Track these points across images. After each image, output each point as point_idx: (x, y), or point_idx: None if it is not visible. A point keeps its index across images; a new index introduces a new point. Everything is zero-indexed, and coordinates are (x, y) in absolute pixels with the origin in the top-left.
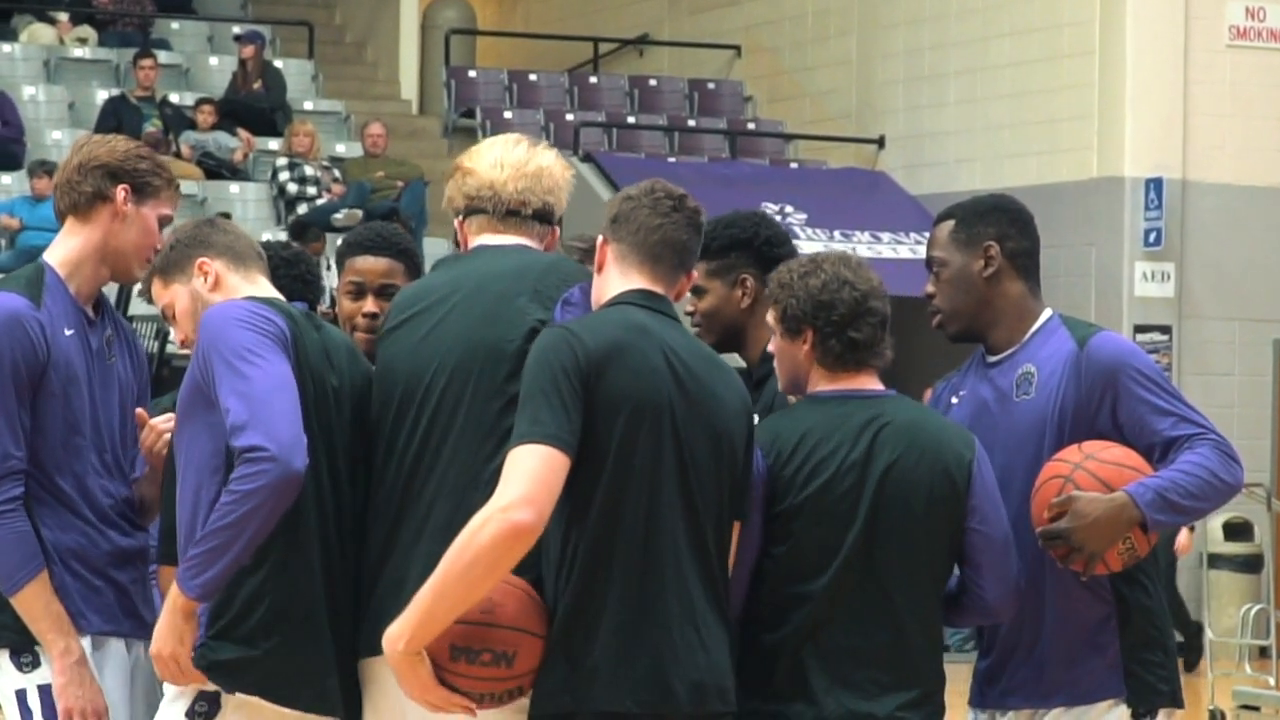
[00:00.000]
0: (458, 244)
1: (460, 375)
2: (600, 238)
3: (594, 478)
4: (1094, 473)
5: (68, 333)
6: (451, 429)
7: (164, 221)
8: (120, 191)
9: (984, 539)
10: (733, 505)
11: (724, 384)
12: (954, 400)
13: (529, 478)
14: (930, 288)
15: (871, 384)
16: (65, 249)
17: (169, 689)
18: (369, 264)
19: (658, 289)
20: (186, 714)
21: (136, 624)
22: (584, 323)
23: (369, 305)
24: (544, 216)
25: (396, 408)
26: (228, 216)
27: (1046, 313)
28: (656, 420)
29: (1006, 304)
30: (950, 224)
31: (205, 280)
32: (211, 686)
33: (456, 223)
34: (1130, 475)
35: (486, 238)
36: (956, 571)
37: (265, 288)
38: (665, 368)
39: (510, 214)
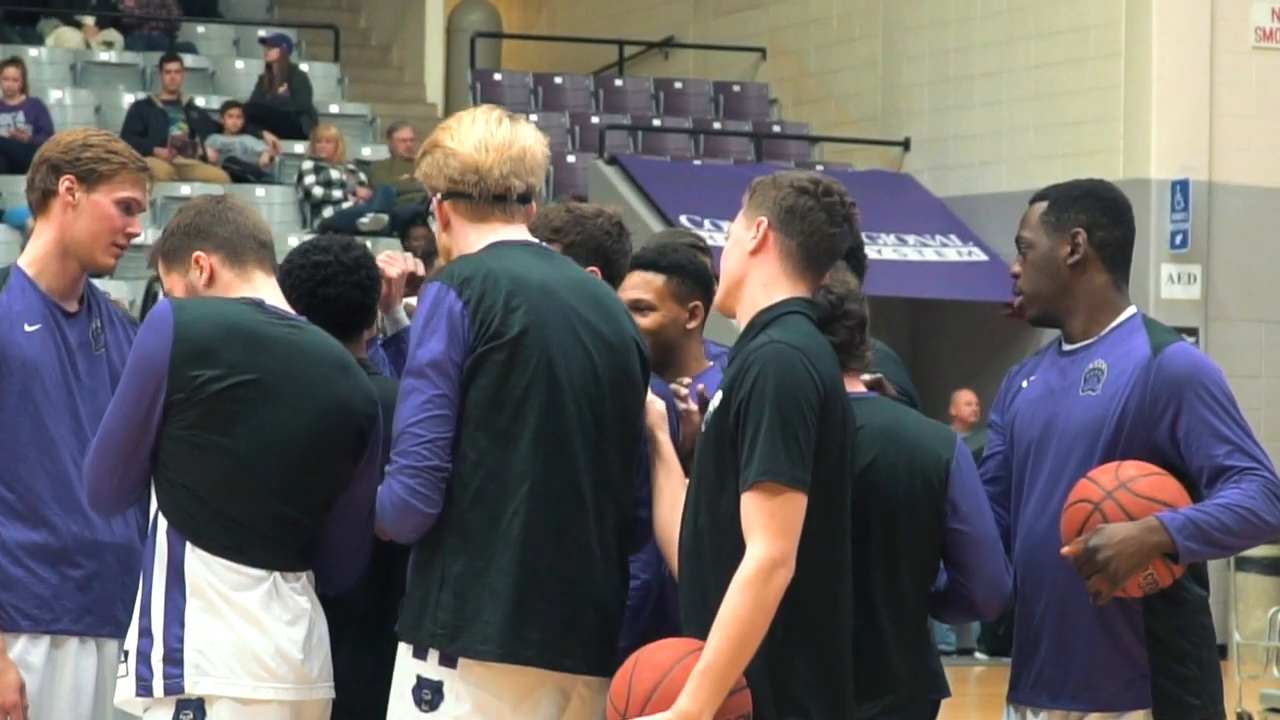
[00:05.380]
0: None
1: (614, 390)
2: (763, 219)
3: (816, 510)
4: (1123, 504)
5: (29, 328)
6: (605, 440)
7: (127, 205)
8: (64, 183)
9: (966, 539)
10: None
11: None
12: (1024, 384)
13: (793, 532)
14: (1016, 268)
15: (852, 386)
16: (33, 248)
17: (144, 705)
18: None
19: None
20: None
21: (98, 620)
22: (805, 341)
23: None
24: (527, 199)
25: (568, 405)
26: None
27: (1130, 310)
28: (852, 451)
29: (1088, 294)
30: (1043, 205)
31: (200, 274)
32: (192, 694)
33: (435, 201)
34: (1160, 511)
35: (507, 231)
36: (944, 571)
37: (261, 285)
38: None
39: (497, 199)
